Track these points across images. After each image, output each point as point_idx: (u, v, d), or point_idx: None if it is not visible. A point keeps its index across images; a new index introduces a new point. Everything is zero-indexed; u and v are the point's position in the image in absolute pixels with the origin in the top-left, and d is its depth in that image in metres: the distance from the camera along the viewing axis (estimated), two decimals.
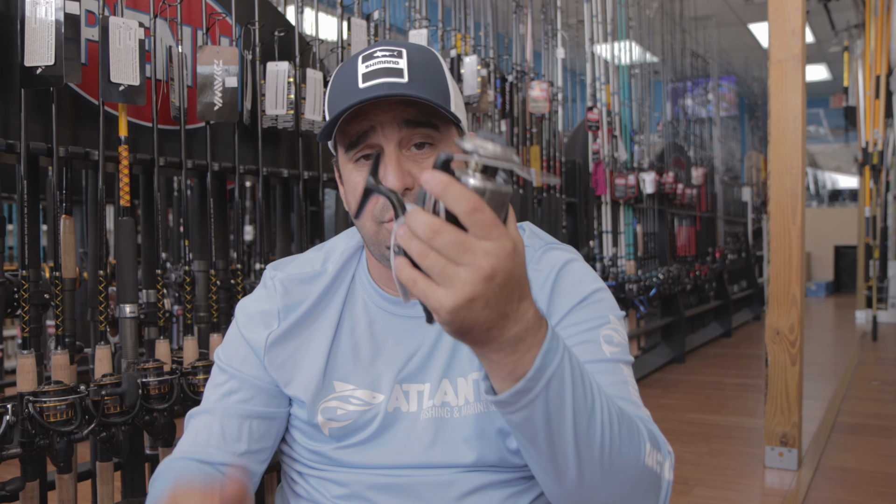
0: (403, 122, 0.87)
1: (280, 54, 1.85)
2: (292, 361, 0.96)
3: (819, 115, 13.03)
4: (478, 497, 0.90)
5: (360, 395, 0.93)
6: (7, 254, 4.42)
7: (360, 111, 0.87)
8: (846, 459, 2.87)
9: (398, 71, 0.86)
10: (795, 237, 2.69)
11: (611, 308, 0.94)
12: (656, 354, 4.90)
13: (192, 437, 0.95)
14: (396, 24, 2.78)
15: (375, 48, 0.90)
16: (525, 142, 3.47)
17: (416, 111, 0.87)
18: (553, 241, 1.01)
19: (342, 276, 0.99)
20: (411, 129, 0.88)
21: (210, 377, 1.00)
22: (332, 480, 0.95)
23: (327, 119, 0.89)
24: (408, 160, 0.88)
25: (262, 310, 0.98)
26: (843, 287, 10.70)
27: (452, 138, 0.92)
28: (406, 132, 0.88)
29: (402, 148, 0.88)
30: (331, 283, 0.98)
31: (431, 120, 0.88)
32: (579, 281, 0.94)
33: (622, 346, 0.92)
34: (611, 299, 0.96)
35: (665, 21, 5.78)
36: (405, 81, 0.86)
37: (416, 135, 0.88)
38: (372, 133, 0.88)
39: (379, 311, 0.97)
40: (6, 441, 1.26)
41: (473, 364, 0.93)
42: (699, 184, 6.04)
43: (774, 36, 2.72)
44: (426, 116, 0.88)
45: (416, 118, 0.87)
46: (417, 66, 0.88)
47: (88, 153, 1.45)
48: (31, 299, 1.36)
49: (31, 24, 1.31)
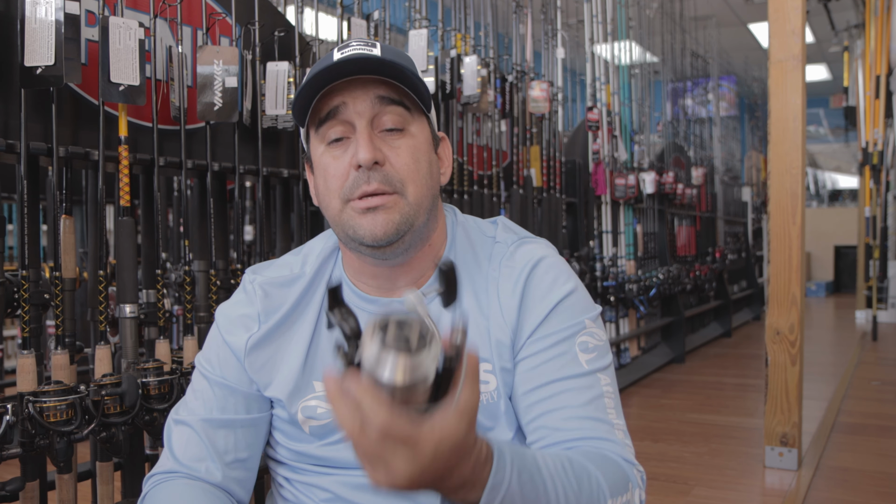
0: (376, 97, 0.88)
1: (280, 54, 1.85)
2: (272, 363, 0.96)
3: (819, 115, 13.03)
4: None
5: None
6: (7, 254, 4.42)
7: (332, 89, 0.88)
8: (846, 459, 2.87)
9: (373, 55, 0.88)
10: (795, 237, 2.69)
11: (584, 310, 0.94)
12: (656, 354, 4.90)
13: (181, 451, 0.94)
14: (396, 23, 2.78)
15: (351, 41, 0.91)
16: (525, 142, 3.47)
17: (389, 89, 0.88)
18: (526, 234, 1.01)
19: (319, 276, 0.99)
20: (384, 105, 0.88)
21: (191, 381, 1.00)
22: (317, 485, 0.95)
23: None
24: (378, 138, 0.89)
25: (242, 314, 0.98)
26: (843, 287, 10.70)
27: (422, 129, 0.92)
28: (378, 109, 0.88)
29: (373, 129, 0.89)
30: (308, 285, 0.98)
31: (405, 101, 0.89)
32: (552, 282, 0.93)
33: (599, 349, 0.92)
34: (585, 298, 0.95)
35: (665, 21, 5.78)
36: (377, 54, 0.87)
37: (388, 114, 0.88)
38: (343, 108, 0.88)
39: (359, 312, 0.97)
40: (6, 441, 1.26)
41: None
42: (699, 184, 6.04)
43: (774, 36, 2.71)
44: (399, 96, 0.89)
45: (390, 95, 0.88)
46: (391, 52, 0.90)
47: (88, 153, 1.45)
48: (31, 299, 1.36)
49: (31, 24, 1.31)
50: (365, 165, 0.86)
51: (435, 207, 0.95)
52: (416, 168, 0.90)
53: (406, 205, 0.89)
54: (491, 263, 0.96)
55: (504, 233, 1.00)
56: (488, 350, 0.93)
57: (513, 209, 3.21)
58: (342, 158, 0.89)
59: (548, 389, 0.88)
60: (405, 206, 0.89)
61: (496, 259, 0.96)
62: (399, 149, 0.89)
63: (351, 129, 0.88)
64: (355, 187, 0.88)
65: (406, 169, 0.89)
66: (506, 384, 0.92)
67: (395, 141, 0.89)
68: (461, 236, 0.99)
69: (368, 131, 0.87)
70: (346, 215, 0.89)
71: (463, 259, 0.97)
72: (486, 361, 0.92)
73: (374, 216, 0.88)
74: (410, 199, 0.89)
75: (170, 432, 0.97)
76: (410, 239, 0.91)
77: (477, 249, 0.98)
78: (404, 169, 0.89)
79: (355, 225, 0.89)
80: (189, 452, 0.94)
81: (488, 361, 0.93)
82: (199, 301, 1.70)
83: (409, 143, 0.90)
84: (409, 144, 0.90)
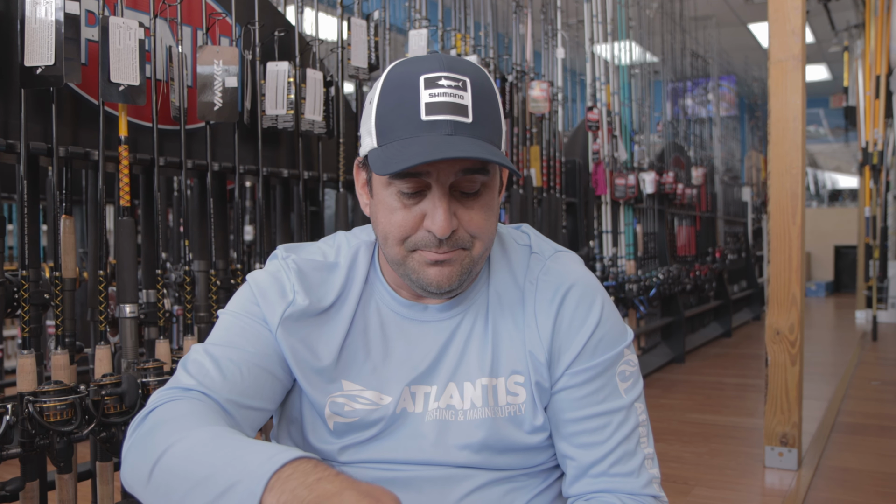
0: (461, 170, 0.84)
1: (280, 54, 1.85)
2: (304, 346, 0.93)
3: (819, 115, 13.03)
4: (478, 493, 0.91)
5: (369, 395, 0.93)
6: (7, 254, 4.42)
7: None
8: (846, 459, 2.87)
9: (463, 108, 0.82)
10: (795, 237, 2.69)
11: (620, 336, 0.95)
12: (656, 354, 4.90)
13: (201, 375, 0.88)
14: (396, 23, 2.78)
15: (440, 73, 0.83)
16: (525, 142, 3.47)
17: (476, 161, 0.83)
18: (556, 246, 1.01)
19: (354, 274, 0.97)
20: (467, 175, 0.84)
21: (216, 325, 0.95)
22: None
23: (376, 138, 0.85)
24: (454, 202, 0.85)
25: (278, 280, 0.95)
26: (843, 287, 10.70)
27: (495, 180, 0.89)
28: (460, 177, 0.84)
29: (450, 191, 0.85)
30: (346, 280, 0.96)
31: (487, 167, 0.85)
32: (588, 310, 0.93)
33: (633, 375, 0.95)
34: (618, 323, 0.95)
35: (665, 21, 5.78)
36: (469, 122, 0.82)
37: (468, 182, 0.85)
38: (426, 175, 0.83)
39: (391, 314, 0.96)
40: (6, 441, 1.26)
41: (482, 370, 0.93)
42: (699, 184, 6.04)
43: (774, 36, 2.71)
44: (483, 163, 0.84)
45: (475, 167, 0.84)
46: (480, 101, 0.84)
47: (88, 153, 1.45)
48: (31, 299, 1.36)
49: (31, 24, 1.31)
50: (440, 237, 0.85)
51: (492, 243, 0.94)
52: (487, 225, 0.88)
53: (470, 259, 0.89)
54: (529, 274, 0.96)
55: (538, 242, 1.00)
56: (522, 362, 0.93)
57: (513, 209, 3.21)
58: (413, 210, 0.86)
59: (587, 425, 0.91)
60: (469, 260, 0.89)
61: (534, 270, 0.96)
62: (472, 210, 0.87)
63: (427, 185, 0.85)
64: (425, 246, 0.86)
65: (478, 229, 0.87)
66: (540, 398, 0.93)
67: (471, 202, 0.87)
68: (496, 247, 0.99)
69: (447, 202, 0.84)
70: (411, 262, 0.88)
71: (497, 271, 0.97)
72: (519, 374, 0.93)
73: (441, 269, 0.87)
74: (475, 253, 0.89)
75: (189, 359, 0.92)
76: (470, 280, 0.92)
77: (511, 259, 0.98)
78: (476, 229, 0.87)
79: (421, 273, 0.88)
80: (210, 378, 0.88)
81: (521, 374, 0.93)
82: (199, 301, 1.70)
83: (484, 201, 0.88)
84: (483, 203, 0.87)
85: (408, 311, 0.96)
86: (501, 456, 0.92)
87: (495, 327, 0.94)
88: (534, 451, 0.94)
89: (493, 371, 0.93)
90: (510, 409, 0.93)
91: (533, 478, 0.95)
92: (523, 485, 0.94)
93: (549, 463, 0.97)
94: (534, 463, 0.95)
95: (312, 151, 1.98)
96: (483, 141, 0.83)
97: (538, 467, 0.96)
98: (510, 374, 0.93)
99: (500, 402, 0.92)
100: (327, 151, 2.03)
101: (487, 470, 0.92)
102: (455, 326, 0.95)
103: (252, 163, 1.80)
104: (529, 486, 0.94)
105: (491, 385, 0.92)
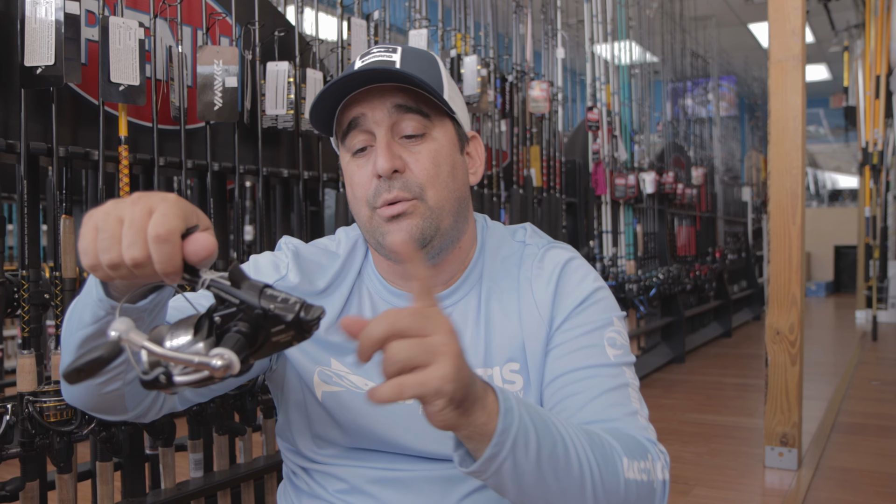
0: (394, 106, 0.89)
1: (280, 54, 1.85)
2: None
3: (819, 115, 13.03)
4: (478, 494, 0.91)
5: (354, 379, 0.94)
6: (7, 254, 4.42)
7: (353, 99, 0.90)
8: (846, 459, 2.87)
9: (391, 62, 0.89)
10: (795, 237, 2.69)
11: (612, 308, 0.96)
12: (656, 354, 4.90)
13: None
14: (396, 23, 2.78)
15: (374, 47, 0.93)
16: (525, 142, 3.47)
17: (407, 97, 0.89)
18: (553, 240, 1.03)
19: (350, 264, 1.00)
20: (401, 113, 0.89)
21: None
22: (334, 475, 0.95)
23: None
24: (398, 146, 0.90)
25: (274, 258, 1.00)
26: (843, 287, 10.70)
27: (445, 132, 0.93)
28: (396, 117, 0.89)
29: (394, 136, 0.90)
30: (341, 268, 0.99)
31: (422, 107, 0.90)
32: (581, 280, 0.96)
33: (624, 348, 0.94)
34: (611, 298, 0.98)
35: (665, 21, 5.78)
36: (397, 67, 0.88)
37: (406, 121, 0.90)
38: (363, 119, 0.90)
39: (384, 305, 0.98)
40: (6, 441, 1.26)
41: (475, 360, 0.93)
42: (699, 184, 6.04)
43: (774, 36, 2.71)
44: (416, 103, 0.89)
45: (406, 103, 0.89)
46: (411, 57, 0.91)
47: (88, 153, 1.45)
48: (31, 299, 1.36)
49: (31, 24, 1.31)
50: (384, 175, 0.88)
51: (463, 210, 0.96)
52: (437, 172, 0.91)
53: (427, 209, 0.90)
54: (523, 265, 0.98)
55: (533, 237, 1.02)
56: (518, 349, 0.94)
57: (513, 209, 3.21)
58: (365, 167, 0.91)
59: (574, 376, 0.90)
60: (426, 210, 0.90)
61: (528, 261, 0.98)
62: (419, 154, 0.90)
63: (372, 137, 0.90)
64: (377, 196, 0.90)
65: (425, 174, 0.90)
66: (539, 381, 0.93)
67: (415, 147, 0.90)
68: (491, 241, 1.01)
69: (387, 140, 0.89)
70: (374, 222, 0.91)
71: (492, 263, 0.99)
72: (514, 361, 0.94)
73: (399, 223, 0.90)
74: (431, 203, 0.90)
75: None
76: (439, 243, 0.92)
77: (505, 254, 1.00)
78: (423, 174, 0.90)
79: (385, 231, 0.90)
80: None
81: (516, 361, 0.94)
82: None
83: (430, 147, 0.91)
84: (429, 149, 0.91)
85: (399, 301, 0.97)
86: None
87: (488, 318, 0.95)
88: None
89: (486, 361, 0.94)
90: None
91: None
92: None
93: None
94: None
95: (312, 151, 1.98)
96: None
97: None
98: (506, 362, 0.94)
99: None
100: (327, 151, 2.02)
101: None
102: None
103: (252, 163, 1.80)
104: None
105: (486, 375, 0.93)
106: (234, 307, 0.61)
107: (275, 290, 0.61)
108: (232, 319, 0.61)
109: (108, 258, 0.63)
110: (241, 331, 0.60)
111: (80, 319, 0.75)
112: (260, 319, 0.60)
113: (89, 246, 0.63)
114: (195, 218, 0.65)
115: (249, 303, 0.60)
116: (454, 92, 0.95)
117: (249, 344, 0.60)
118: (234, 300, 0.60)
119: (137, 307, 0.72)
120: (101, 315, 0.73)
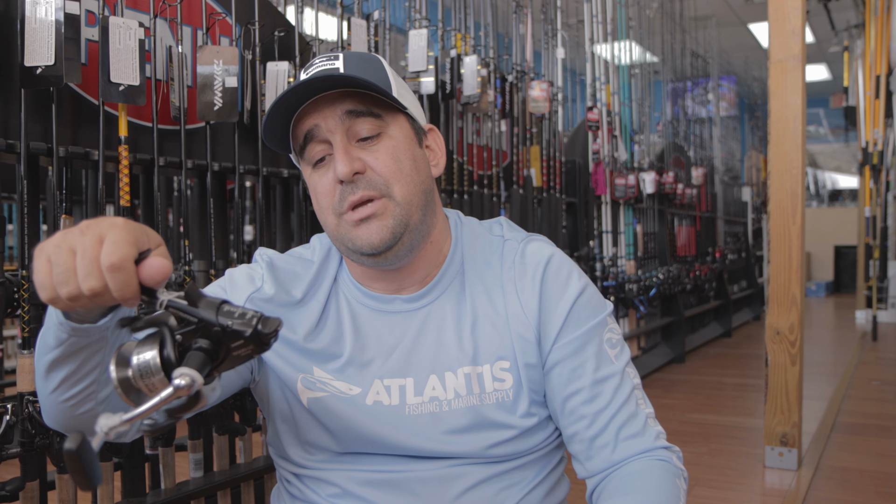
0: (345, 112, 0.90)
1: (280, 54, 1.85)
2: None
3: (819, 115, 13.03)
4: (472, 493, 0.91)
5: (338, 385, 0.94)
6: (7, 254, 4.42)
7: (304, 112, 0.91)
8: (846, 459, 2.87)
9: (334, 69, 0.90)
10: (795, 237, 2.69)
11: (601, 304, 0.97)
12: (656, 354, 4.90)
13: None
14: (396, 24, 2.78)
15: (315, 58, 0.94)
16: (525, 142, 3.47)
17: (356, 101, 0.90)
18: (529, 234, 1.03)
19: (325, 270, 1.00)
20: (353, 118, 0.90)
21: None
22: (326, 480, 0.95)
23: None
24: (356, 148, 0.91)
25: (247, 273, 1.00)
26: (843, 287, 10.70)
27: (400, 128, 0.94)
28: (349, 122, 0.90)
29: (350, 140, 0.91)
30: (316, 275, 1.00)
31: (373, 109, 0.91)
32: (566, 281, 0.96)
33: (621, 343, 0.96)
34: (597, 293, 0.99)
35: (665, 21, 5.78)
36: (341, 72, 0.89)
37: (360, 124, 0.90)
38: (317, 130, 0.90)
39: (360, 307, 0.98)
40: (6, 441, 1.26)
41: (463, 358, 0.93)
42: (699, 184, 6.04)
43: (774, 36, 2.71)
44: (366, 105, 0.90)
45: (357, 108, 0.90)
46: (353, 61, 0.92)
47: (88, 153, 1.45)
48: (31, 299, 1.36)
49: (31, 24, 1.31)
50: (345, 179, 0.89)
51: (430, 203, 0.96)
52: (399, 167, 0.91)
53: (396, 206, 0.90)
54: (504, 261, 0.98)
55: (510, 231, 1.02)
56: (507, 347, 0.94)
57: (513, 209, 3.21)
58: (326, 176, 0.92)
59: (584, 396, 0.93)
60: (395, 207, 0.90)
61: (509, 257, 0.98)
62: (378, 152, 0.91)
63: (330, 146, 0.91)
64: (342, 200, 0.90)
65: (387, 170, 0.91)
66: (529, 380, 0.94)
67: (372, 147, 0.91)
68: (468, 236, 1.01)
69: (344, 145, 0.90)
70: (342, 228, 0.92)
71: (472, 258, 0.99)
72: (504, 359, 0.94)
73: (368, 225, 0.90)
74: (399, 198, 0.91)
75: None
76: (410, 240, 0.92)
77: (485, 248, 1.00)
78: (386, 170, 0.90)
79: (353, 237, 0.91)
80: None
81: (506, 359, 0.94)
82: None
83: (388, 144, 0.92)
84: (387, 147, 0.92)
85: (375, 303, 0.97)
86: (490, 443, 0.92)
87: (474, 314, 0.95)
88: (524, 436, 0.94)
89: (475, 359, 0.93)
90: (497, 395, 0.93)
91: (526, 471, 0.95)
92: (516, 481, 0.94)
93: (541, 448, 0.96)
94: (525, 448, 0.94)
95: None
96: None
97: (531, 454, 0.95)
98: (496, 360, 0.94)
99: (486, 388, 0.93)
100: None
101: (479, 465, 0.92)
102: (425, 316, 0.96)
103: (252, 163, 1.80)
104: (522, 483, 0.94)
105: (475, 373, 0.93)
106: (193, 325, 0.63)
107: (232, 306, 0.63)
108: (193, 336, 0.63)
109: (66, 291, 0.64)
110: (203, 347, 0.63)
111: (45, 344, 0.76)
112: (219, 336, 0.63)
113: (45, 280, 0.64)
114: (146, 240, 0.66)
115: (208, 320, 0.62)
116: (403, 88, 0.96)
117: (211, 359, 0.63)
118: (193, 319, 0.63)
119: (99, 326, 0.73)
120: (63, 338, 0.74)
